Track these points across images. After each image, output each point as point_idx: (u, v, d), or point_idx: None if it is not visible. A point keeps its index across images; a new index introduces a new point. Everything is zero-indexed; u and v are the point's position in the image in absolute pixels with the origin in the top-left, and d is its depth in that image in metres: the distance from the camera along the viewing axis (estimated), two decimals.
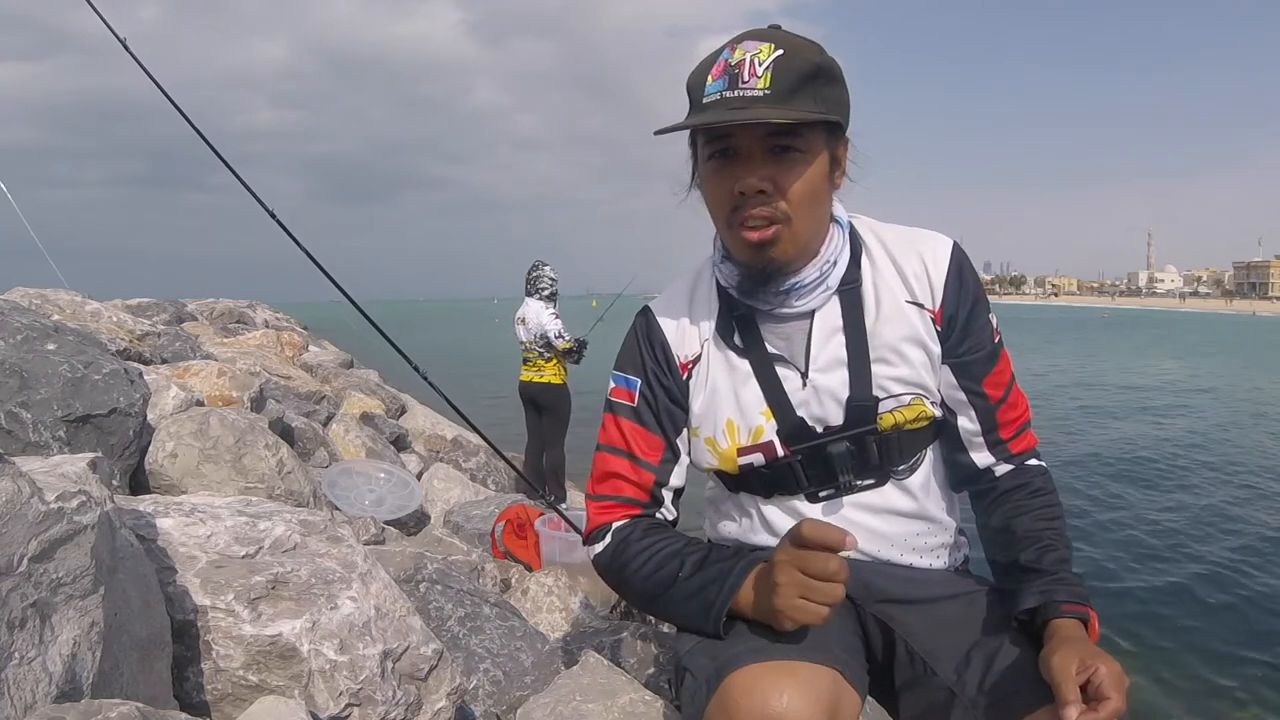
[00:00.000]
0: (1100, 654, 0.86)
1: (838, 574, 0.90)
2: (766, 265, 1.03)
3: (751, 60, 0.96)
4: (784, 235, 1.01)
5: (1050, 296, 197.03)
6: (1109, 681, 0.82)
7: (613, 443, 1.15)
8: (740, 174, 0.98)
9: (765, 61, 0.95)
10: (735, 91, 0.96)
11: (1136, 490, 7.24)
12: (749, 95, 0.95)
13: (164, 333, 4.28)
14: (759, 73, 0.95)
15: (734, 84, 0.96)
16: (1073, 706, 0.81)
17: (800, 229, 1.01)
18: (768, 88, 0.95)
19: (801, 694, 0.87)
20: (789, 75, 0.95)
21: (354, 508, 3.11)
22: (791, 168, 0.98)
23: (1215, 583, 4.94)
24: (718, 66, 0.98)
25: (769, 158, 0.98)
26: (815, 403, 1.08)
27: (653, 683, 1.63)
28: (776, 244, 1.01)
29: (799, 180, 0.98)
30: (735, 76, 0.96)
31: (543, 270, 5.38)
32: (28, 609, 0.84)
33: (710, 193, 1.04)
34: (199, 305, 12.89)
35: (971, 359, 1.09)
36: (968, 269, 1.10)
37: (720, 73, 0.97)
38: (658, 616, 1.18)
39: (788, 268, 1.04)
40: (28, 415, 2.01)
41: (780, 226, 1.00)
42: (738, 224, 1.01)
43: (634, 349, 1.17)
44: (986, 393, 1.10)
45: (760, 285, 1.06)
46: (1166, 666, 3.91)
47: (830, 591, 0.91)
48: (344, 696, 1.18)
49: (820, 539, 0.90)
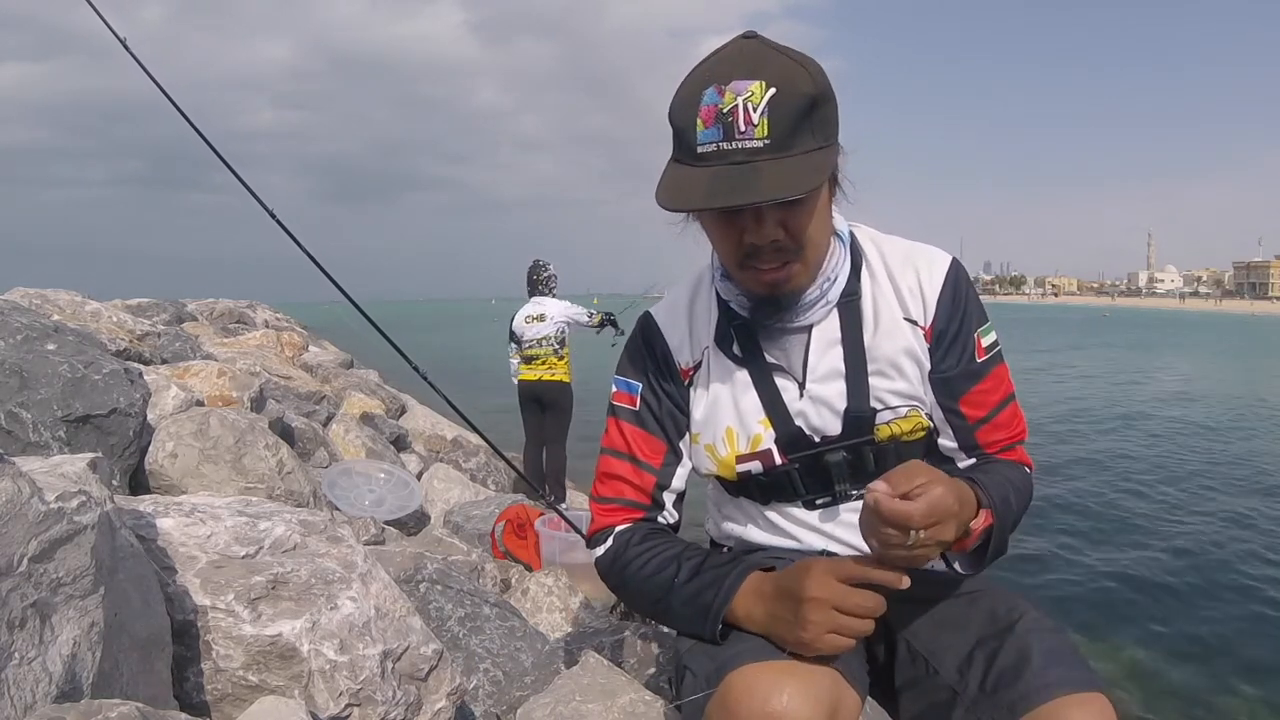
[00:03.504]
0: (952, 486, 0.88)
1: (875, 611, 0.90)
2: (782, 298, 1.04)
3: (745, 106, 0.90)
4: (797, 271, 1.01)
5: (1050, 296, 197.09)
6: (931, 497, 0.85)
7: (615, 446, 1.15)
8: (750, 225, 0.96)
9: (759, 105, 0.90)
10: (733, 144, 0.90)
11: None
12: (748, 147, 0.90)
13: (164, 333, 4.28)
14: (755, 120, 0.90)
15: (730, 135, 0.90)
16: (881, 482, 0.85)
17: (812, 259, 1.02)
18: (766, 136, 0.90)
19: (801, 694, 0.87)
20: (786, 118, 0.90)
21: (354, 508, 3.11)
22: (801, 211, 0.96)
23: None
24: (707, 111, 0.91)
25: (777, 206, 0.95)
26: (813, 413, 1.08)
27: (653, 683, 1.63)
28: (790, 280, 1.01)
29: (808, 219, 0.97)
30: (730, 126, 0.90)
31: (549, 270, 5.44)
32: (28, 609, 0.84)
33: (718, 242, 1.02)
34: (199, 305, 12.90)
35: (949, 376, 1.08)
36: (963, 286, 1.09)
37: (712, 119, 0.91)
38: (657, 620, 1.18)
39: (800, 295, 1.05)
40: (28, 415, 2.01)
41: (794, 264, 1.00)
42: (751, 267, 1.00)
43: (636, 354, 1.18)
44: (963, 411, 1.09)
45: (776, 313, 1.06)
46: (1170, 667, 3.91)
47: (863, 627, 0.91)
48: (344, 696, 1.18)
49: (869, 578, 0.90)
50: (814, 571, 0.92)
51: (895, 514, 0.84)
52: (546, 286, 5.42)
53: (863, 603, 0.89)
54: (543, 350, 5.33)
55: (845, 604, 0.89)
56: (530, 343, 5.35)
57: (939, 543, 0.87)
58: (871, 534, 0.88)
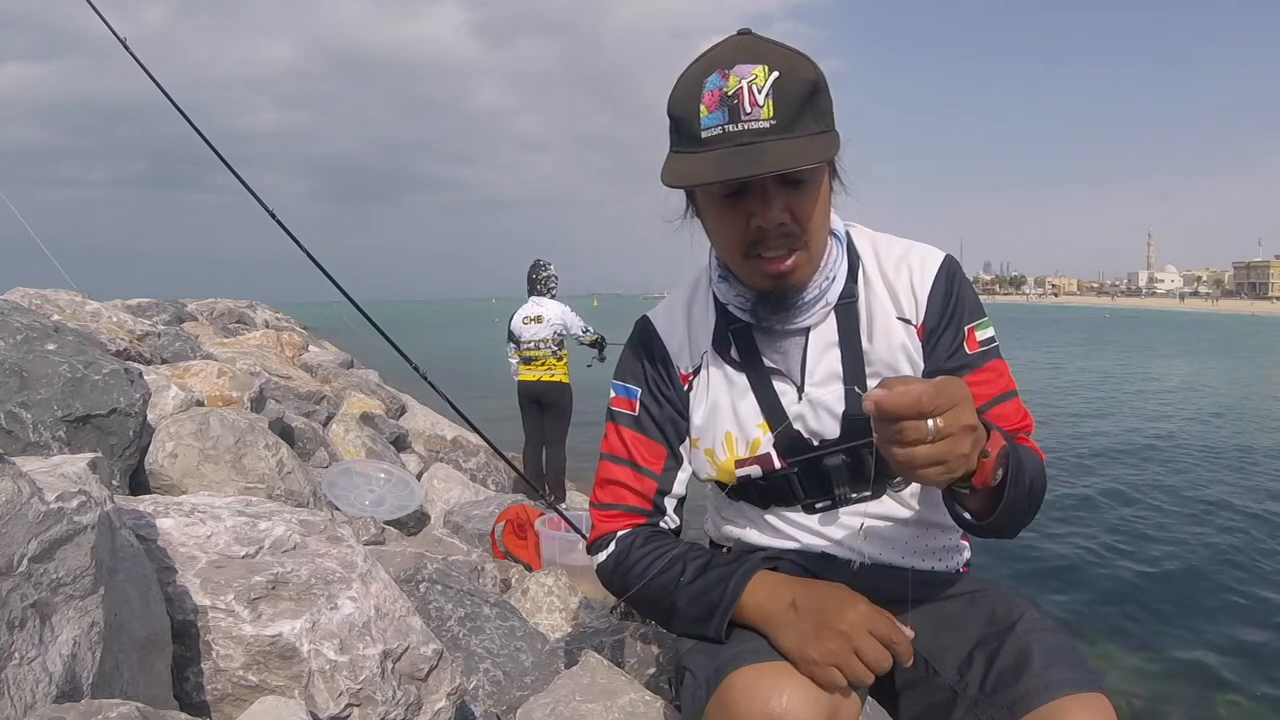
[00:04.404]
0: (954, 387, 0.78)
1: (882, 668, 0.91)
2: (787, 291, 1.03)
3: (750, 88, 0.90)
4: (802, 260, 1.00)
5: (1050, 296, 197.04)
6: (934, 380, 0.77)
7: (615, 451, 1.15)
8: (756, 209, 0.96)
9: (764, 87, 0.90)
10: (739, 125, 0.91)
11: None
12: (755, 128, 0.90)
13: (164, 333, 4.28)
14: (760, 101, 0.90)
15: (735, 117, 0.91)
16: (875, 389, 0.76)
17: (815, 249, 1.01)
18: (772, 117, 0.90)
19: (801, 694, 0.87)
20: (791, 100, 0.91)
21: (354, 508, 3.11)
22: (806, 194, 0.96)
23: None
24: (711, 96, 0.92)
25: (783, 189, 0.95)
26: (811, 416, 1.08)
27: (653, 683, 1.63)
28: (796, 270, 1.01)
29: (813, 204, 0.97)
30: (735, 108, 0.91)
31: (550, 270, 5.43)
32: (28, 609, 0.84)
33: (723, 230, 1.02)
34: (199, 305, 12.91)
35: (940, 368, 1.06)
36: (956, 283, 1.08)
37: (717, 103, 0.92)
38: (660, 623, 1.17)
39: (802, 289, 1.04)
40: (28, 415, 2.01)
41: (799, 253, 0.99)
42: (756, 256, 1.00)
43: (634, 358, 1.17)
44: None
45: (778, 309, 1.05)
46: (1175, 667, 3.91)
47: (864, 676, 0.90)
48: (344, 696, 1.18)
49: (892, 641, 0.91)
50: (856, 610, 0.93)
51: (905, 398, 0.74)
52: (546, 287, 5.41)
53: (879, 659, 0.90)
54: (541, 352, 5.33)
55: (863, 652, 0.90)
56: (529, 344, 5.35)
57: (963, 428, 0.77)
58: (891, 440, 0.77)
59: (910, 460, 0.77)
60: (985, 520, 0.93)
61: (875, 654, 0.90)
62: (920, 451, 0.76)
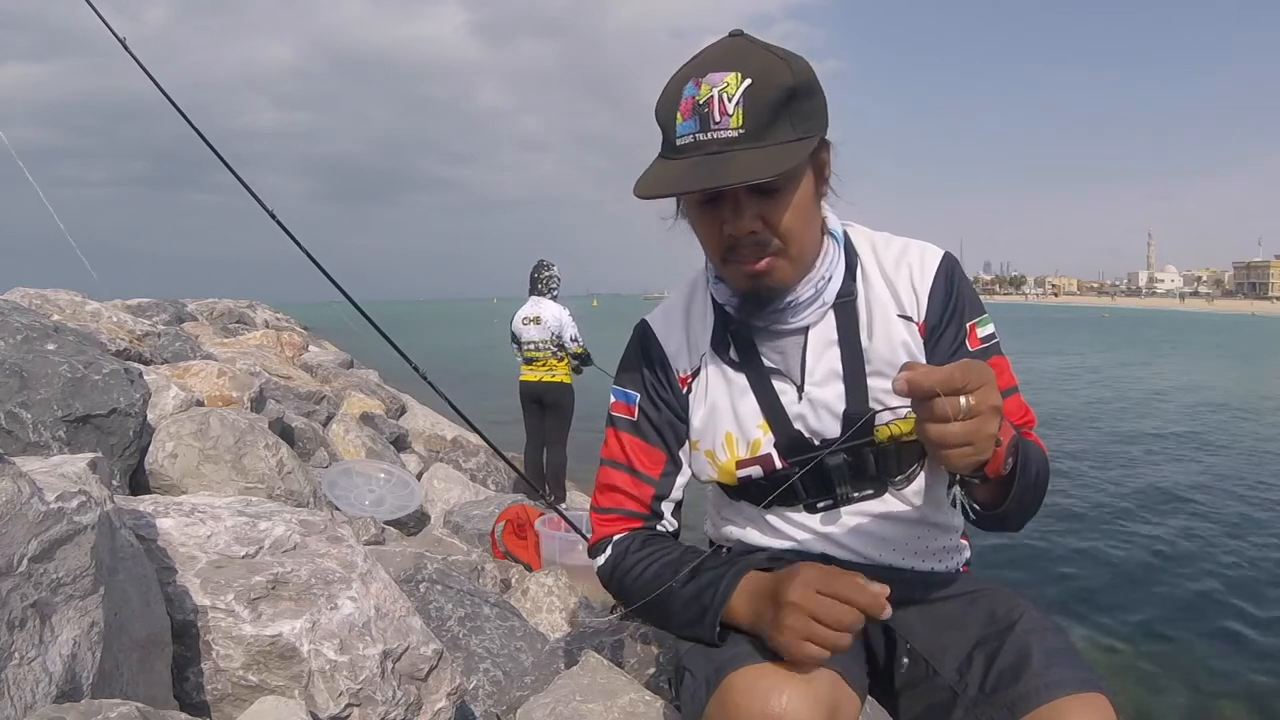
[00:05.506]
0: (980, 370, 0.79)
1: (851, 626, 0.88)
2: (764, 293, 1.03)
3: (720, 96, 0.91)
4: (779, 265, 1.00)
5: (1050, 296, 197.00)
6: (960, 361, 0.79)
7: (614, 457, 1.15)
8: (728, 217, 0.97)
9: (734, 96, 0.91)
10: (709, 134, 0.91)
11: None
12: (723, 137, 0.91)
13: (164, 333, 4.28)
14: (729, 110, 0.91)
15: (705, 125, 0.91)
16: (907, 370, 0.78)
17: (795, 254, 1.01)
18: (741, 126, 0.91)
19: (801, 694, 0.87)
20: (761, 108, 0.91)
21: (354, 508, 3.11)
22: (779, 202, 0.96)
23: None
24: (685, 104, 0.93)
25: (755, 197, 0.96)
26: (811, 416, 1.08)
27: (653, 683, 1.63)
28: (773, 273, 1.01)
29: (788, 211, 0.97)
30: (705, 117, 0.91)
31: (551, 270, 5.44)
32: (28, 609, 0.84)
33: (701, 235, 1.03)
34: (199, 305, 12.91)
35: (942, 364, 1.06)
36: (955, 280, 1.08)
37: (689, 112, 0.93)
38: (659, 626, 1.17)
39: (786, 291, 1.04)
40: (28, 415, 2.01)
41: (774, 258, 0.99)
42: (733, 260, 1.01)
43: (632, 363, 1.17)
44: None
45: (759, 309, 1.05)
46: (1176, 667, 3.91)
47: (837, 640, 0.87)
48: (344, 696, 1.18)
49: (851, 598, 0.87)
50: (798, 578, 0.91)
51: (939, 373, 0.77)
52: (546, 287, 5.43)
53: (840, 617, 0.87)
54: (542, 352, 5.35)
55: (821, 614, 0.87)
56: (529, 344, 5.37)
57: (991, 409, 0.78)
58: (925, 418, 0.79)
59: (942, 438, 0.78)
60: (994, 510, 0.94)
61: (833, 612, 0.87)
62: (953, 429, 0.77)
